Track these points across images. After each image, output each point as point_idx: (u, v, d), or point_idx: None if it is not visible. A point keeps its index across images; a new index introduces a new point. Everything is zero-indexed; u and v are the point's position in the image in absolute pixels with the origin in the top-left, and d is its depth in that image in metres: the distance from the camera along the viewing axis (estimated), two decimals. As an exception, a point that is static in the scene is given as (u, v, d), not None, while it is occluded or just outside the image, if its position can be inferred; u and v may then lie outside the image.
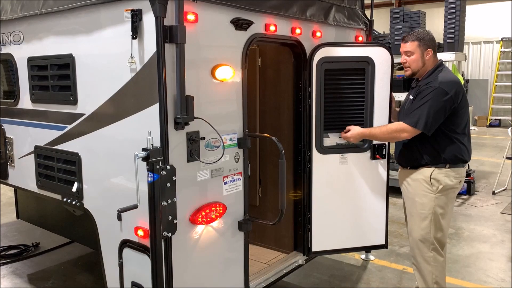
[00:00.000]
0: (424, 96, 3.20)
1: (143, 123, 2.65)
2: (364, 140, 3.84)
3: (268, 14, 3.22)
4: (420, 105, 3.21)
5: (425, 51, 3.33)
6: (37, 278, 4.50)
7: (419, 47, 3.33)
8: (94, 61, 2.97)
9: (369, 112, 3.81)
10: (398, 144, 3.57)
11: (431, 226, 3.31)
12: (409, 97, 3.46)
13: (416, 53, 3.33)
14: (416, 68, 3.37)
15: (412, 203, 3.40)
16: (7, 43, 3.76)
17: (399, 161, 3.55)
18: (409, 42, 3.36)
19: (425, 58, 3.34)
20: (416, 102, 3.26)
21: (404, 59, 3.40)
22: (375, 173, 3.95)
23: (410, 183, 3.41)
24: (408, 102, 3.42)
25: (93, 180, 3.14)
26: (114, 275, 3.00)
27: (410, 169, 3.42)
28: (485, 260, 4.83)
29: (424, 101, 3.19)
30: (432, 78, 3.29)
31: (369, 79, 3.77)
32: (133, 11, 2.54)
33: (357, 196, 3.94)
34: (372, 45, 3.95)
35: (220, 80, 2.87)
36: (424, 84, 3.29)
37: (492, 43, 16.64)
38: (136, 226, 2.75)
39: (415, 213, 3.38)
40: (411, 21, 8.38)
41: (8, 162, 3.98)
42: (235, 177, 3.10)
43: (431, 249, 3.33)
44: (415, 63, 3.36)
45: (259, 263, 3.87)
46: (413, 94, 3.38)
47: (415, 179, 3.37)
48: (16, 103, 3.78)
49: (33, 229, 5.25)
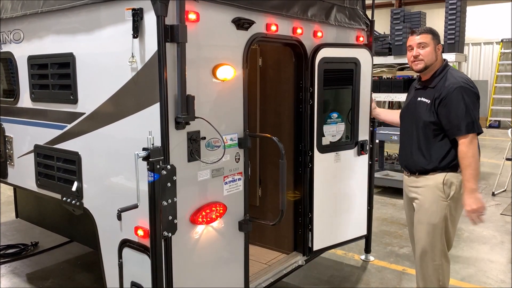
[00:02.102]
0: (457, 97, 2.98)
1: (143, 122, 2.64)
2: (351, 137, 4.06)
3: (269, 14, 3.21)
4: (461, 108, 2.97)
5: (437, 46, 3.17)
6: (36, 277, 4.49)
7: (432, 40, 3.15)
8: (95, 60, 2.96)
9: (355, 108, 4.07)
10: (403, 149, 3.38)
11: (442, 233, 3.17)
12: (417, 99, 3.21)
13: (431, 46, 3.14)
14: (430, 62, 3.14)
15: (422, 210, 3.22)
16: (7, 42, 3.75)
17: (406, 166, 3.34)
18: (423, 34, 3.15)
19: (438, 53, 3.16)
20: (450, 106, 3.00)
21: (417, 52, 3.15)
22: (361, 168, 4.23)
23: (420, 190, 3.22)
24: (421, 105, 3.15)
25: (93, 180, 3.13)
26: (113, 275, 2.98)
27: (419, 175, 3.22)
28: (484, 261, 4.83)
29: (462, 103, 2.97)
30: (449, 77, 3.10)
31: (356, 78, 4.02)
32: (134, 10, 2.53)
33: (348, 190, 4.13)
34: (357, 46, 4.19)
35: (221, 79, 2.86)
36: (442, 84, 3.07)
37: (492, 44, 16.66)
38: (136, 225, 2.74)
39: (425, 221, 3.20)
40: (411, 21, 8.39)
41: (8, 161, 3.97)
42: (235, 177, 3.10)
43: (440, 256, 3.21)
44: (429, 56, 3.13)
45: (259, 263, 3.87)
46: (426, 97, 3.14)
47: (426, 186, 3.18)
48: (16, 102, 3.77)
49: (32, 228, 5.24)
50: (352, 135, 4.08)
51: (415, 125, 3.22)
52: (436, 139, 3.11)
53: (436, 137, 3.12)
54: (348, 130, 4.06)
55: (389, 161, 8.48)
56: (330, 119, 3.91)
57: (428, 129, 3.13)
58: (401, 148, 3.44)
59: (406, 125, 3.35)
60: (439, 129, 3.09)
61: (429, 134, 3.13)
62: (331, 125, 3.91)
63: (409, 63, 3.28)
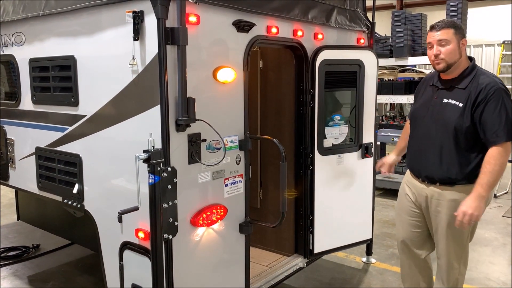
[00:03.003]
0: (497, 101, 2.70)
1: (144, 124, 2.65)
2: (355, 140, 4.00)
3: (269, 16, 3.22)
4: (501, 113, 2.69)
5: (460, 41, 2.81)
6: (37, 280, 4.49)
7: (455, 35, 2.77)
8: (96, 62, 2.97)
9: (360, 110, 4.03)
10: (421, 156, 2.99)
11: (468, 242, 3.01)
12: (442, 100, 2.87)
13: (453, 42, 2.77)
14: (452, 60, 2.79)
15: (448, 225, 2.92)
16: (9, 44, 3.76)
17: (426, 176, 2.97)
18: (444, 29, 2.77)
19: (462, 49, 2.80)
20: (489, 110, 2.70)
21: (438, 50, 2.79)
22: (365, 171, 4.18)
23: (446, 203, 2.90)
24: (450, 108, 2.82)
25: (94, 182, 3.13)
26: (114, 277, 2.99)
27: (441, 185, 2.90)
28: (486, 263, 4.81)
29: (502, 107, 2.69)
30: (482, 76, 2.80)
31: (360, 80, 3.99)
32: (134, 12, 2.54)
33: (351, 193, 4.10)
34: (361, 48, 4.17)
35: (221, 82, 2.86)
36: (475, 85, 2.77)
37: (493, 46, 16.63)
38: (137, 228, 2.74)
39: (452, 235, 2.93)
40: (412, 23, 8.38)
41: (9, 163, 3.97)
42: (236, 179, 3.09)
43: (466, 264, 3.06)
44: (452, 54, 2.78)
45: (260, 265, 3.86)
46: (455, 99, 2.81)
47: (454, 200, 2.86)
48: (18, 104, 3.78)
49: (34, 230, 5.24)
50: (356, 138, 4.05)
51: (441, 130, 2.86)
52: (466, 147, 2.80)
53: (467, 144, 2.80)
54: (352, 133, 4.03)
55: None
56: (333, 121, 3.89)
57: (459, 134, 2.78)
58: (417, 154, 3.04)
59: (425, 129, 2.96)
60: (472, 135, 2.78)
61: (459, 140, 2.80)
62: (334, 127, 3.89)
63: (430, 62, 2.93)
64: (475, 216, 2.71)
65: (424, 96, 3.07)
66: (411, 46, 8.43)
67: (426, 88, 3.08)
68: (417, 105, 3.12)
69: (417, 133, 3.06)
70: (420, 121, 3.02)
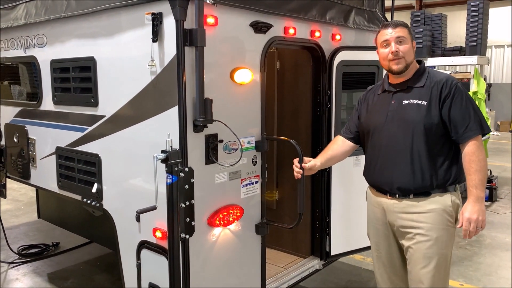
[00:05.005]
0: (461, 94, 2.55)
1: (162, 125, 2.67)
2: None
3: (287, 17, 3.21)
4: (468, 106, 2.54)
5: (412, 43, 2.68)
6: (56, 277, 4.57)
7: (409, 34, 2.64)
8: (115, 63, 3.01)
9: None
10: (389, 166, 2.66)
11: (449, 263, 2.68)
12: (402, 102, 2.64)
13: (409, 42, 2.63)
14: (410, 60, 2.62)
15: (432, 242, 2.58)
16: (31, 46, 3.84)
17: (398, 188, 2.64)
18: (400, 27, 2.62)
19: (413, 51, 2.68)
20: (455, 104, 2.53)
21: (396, 48, 2.58)
22: None
23: (423, 216, 2.59)
24: (414, 108, 2.59)
25: (112, 181, 3.17)
26: (132, 276, 3.01)
27: (416, 196, 2.61)
28: (507, 268, 4.71)
29: (468, 100, 2.56)
30: (436, 73, 2.68)
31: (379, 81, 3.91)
32: (153, 14, 2.56)
33: None
34: None
35: (238, 83, 2.87)
36: (433, 81, 2.59)
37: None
38: (154, 227, 2.76)
39: (436, 253, 2.58)
40: (432, 24, 8.28)
41: (31, 163, 4.05)
42: (252, 180, 3.10)
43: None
44: (410, 53, 2.62)
45: (276, 266, 3.85)
46: (416, 98, 2.60)
47: (432, 211, 2.58)
48: (39, 105, 3.85)
49: (54, 228, 5.33)
50: None
51: (410, 133, 2.58)
52: (440, 148, 2.58)
53: (439, 145, 2.58)
54: None
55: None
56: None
57: (429, 134, 2.55)
58: (383, 167, 2.69)
59: (388, 137, 2.66)
60: (441, 135, 2.57)
61: (431, 141, 2.56)
62: None
63: (383, 62, 2.69)
64: (481, 220, 2.49)
65: (377, 105, 2.78)
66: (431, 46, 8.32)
67: (374, 98, 2.84)
68: (369, 116, 2.81)
69: (378, 144, 2.72)
70: (378, 131, 2.71)
